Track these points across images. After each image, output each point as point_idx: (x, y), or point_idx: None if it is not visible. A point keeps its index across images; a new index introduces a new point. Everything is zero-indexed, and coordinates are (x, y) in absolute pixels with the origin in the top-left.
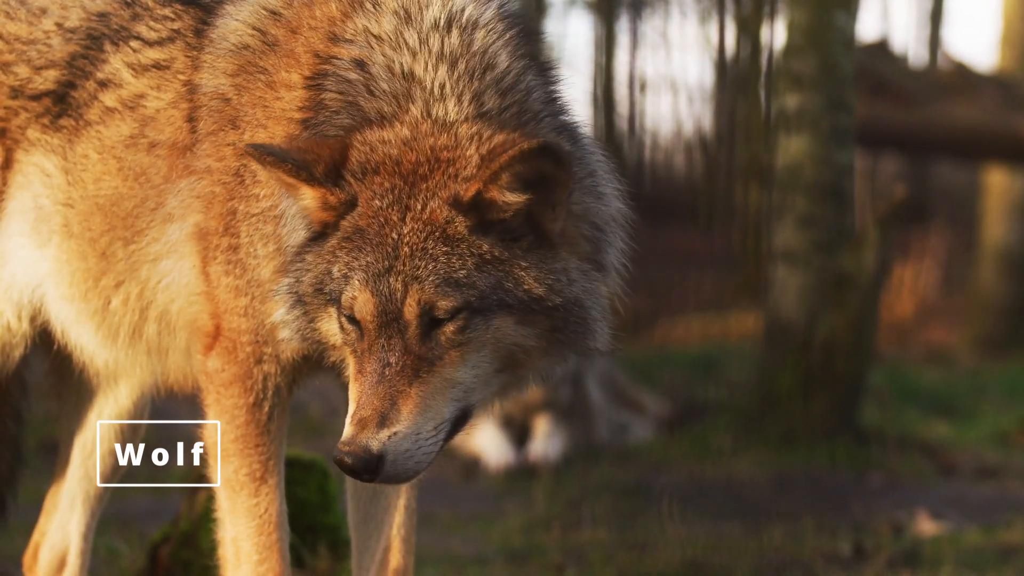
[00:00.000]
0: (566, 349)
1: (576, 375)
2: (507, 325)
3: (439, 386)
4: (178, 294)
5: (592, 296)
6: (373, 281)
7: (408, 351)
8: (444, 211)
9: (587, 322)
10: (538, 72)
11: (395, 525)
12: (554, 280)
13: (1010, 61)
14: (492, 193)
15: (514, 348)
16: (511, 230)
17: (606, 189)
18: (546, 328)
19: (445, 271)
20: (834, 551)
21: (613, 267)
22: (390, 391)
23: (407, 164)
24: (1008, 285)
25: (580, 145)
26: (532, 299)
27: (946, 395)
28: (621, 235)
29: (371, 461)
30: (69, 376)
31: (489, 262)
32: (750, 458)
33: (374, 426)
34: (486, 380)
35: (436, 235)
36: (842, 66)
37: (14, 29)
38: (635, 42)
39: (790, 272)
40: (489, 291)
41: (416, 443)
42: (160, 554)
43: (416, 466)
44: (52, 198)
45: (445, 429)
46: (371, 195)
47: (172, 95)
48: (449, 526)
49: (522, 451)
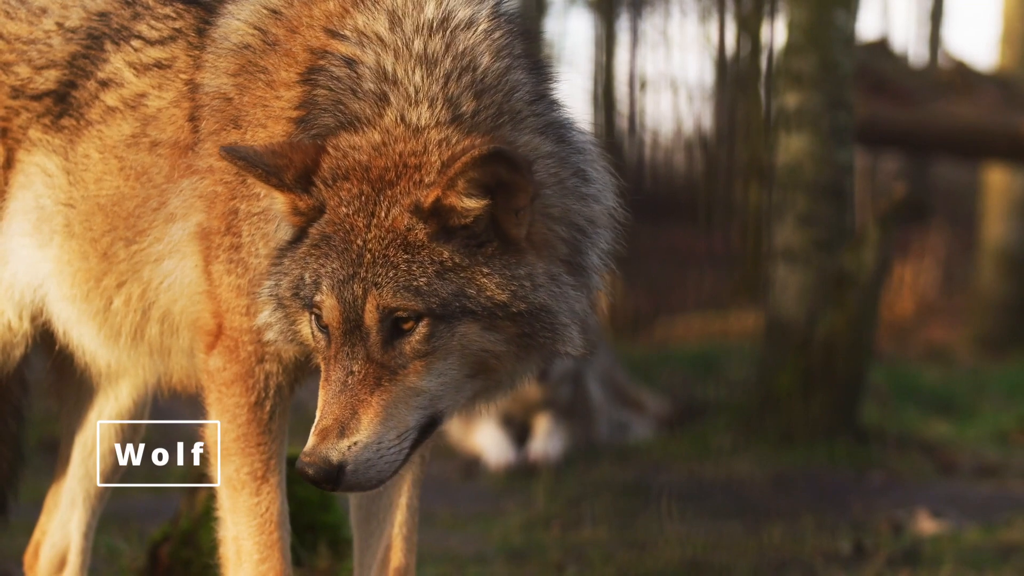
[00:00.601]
0: (537, 354)
1: (576, 374)
2: (472, 332)
3: (402, 395)
4: (181, 294)
5: (560, 301)
6: (338, 288)
7: (370, 359)
8: (405, 218)
9: (555, 327)
10: (528, 71)
11: (397, 523)
12: (518, 286)
13: (1010, 60)
14: (451, 199)
15: (483, 354)
16: (475, 236)
17: (590, 190)
18: (514, 334)
19: (405, 278)
20: (834, 550)
21: (595, 268)
22: (351, 400)
23: (376, 170)
24: (1008, 284)
25: (566, 144)
26: (496, 305)
27: (946, 394)
28: (606, 236)
29: (331, 472)
30: (69, 375)
31: (450, 269)
32: (750, 457)
33: (335, 436)
34: (455, 387)
35: (397, 242)
36: (842, 65)
37: (14, 29)
38: (635, 41)
39: (790, 271)
40: (451, 298)
41: (378, 452)
42: (160, 553)
43: (379, 475)
44: (53, 198)
45: (410, 437)
46: (338, 202)
47: (174, 94)
48: (449, 525)
49: (522, 450)
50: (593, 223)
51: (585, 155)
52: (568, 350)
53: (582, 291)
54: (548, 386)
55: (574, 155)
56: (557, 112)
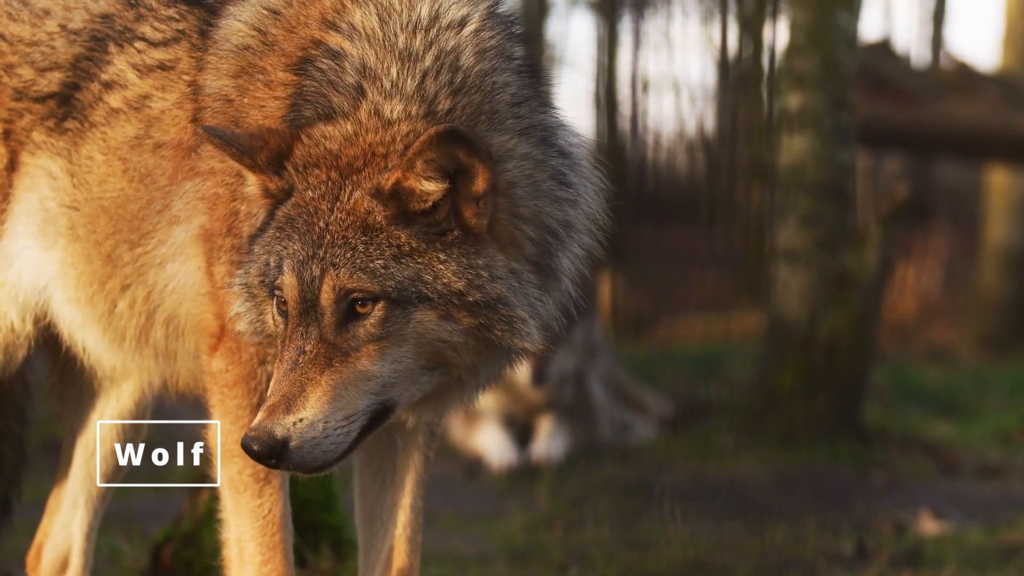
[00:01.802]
0: (496, 349)
1: (579, 375)
2: (428, 320)
3: (352, 377)
4: (185, 297)
5: (519, 295)
6: (298, 268)
7: (323, 339)
8: (366, 201)
9: (513, 320)
10: (517, 73)
11: (400, 524)
12: (474, 275)
13: (1012, 60)
14: (410, 182)
15: (439, 344)
16: (435, 224)
17: (567, 194)
18: (471, 325)
19: (362, 260)
20: (836, 550)
21: (566, 272)
22: (301, 378)
23: (345, 159)
24: (1010, 284)
25: (549, 147)
26: (452, 293)
27: (948, 394)
28: (582, 240)
29: (275, 447)
30: (71, 376)
31: (407, 254)
32: (752, 457)
33: (281, 412)
34: (409, 376)
35: (357, 225)
36: (844, 65)
37: (17, 31)
38: (637, 42)
39: (792, 271)
40: (407, 283)
41: (324, 432)
42: (162, 554)
43: (324, 455)
44: (58, 200)
45: (359, 421)
46: (306, 186)
47: (177, 96)
48: (452, 525)
49: (525, 451)
50: (568, 227)
51: (569, 159)
52: (526, 345)
53: (549, 293)
54: (550, 387)
55: (555, 158)
56: (544, 115)
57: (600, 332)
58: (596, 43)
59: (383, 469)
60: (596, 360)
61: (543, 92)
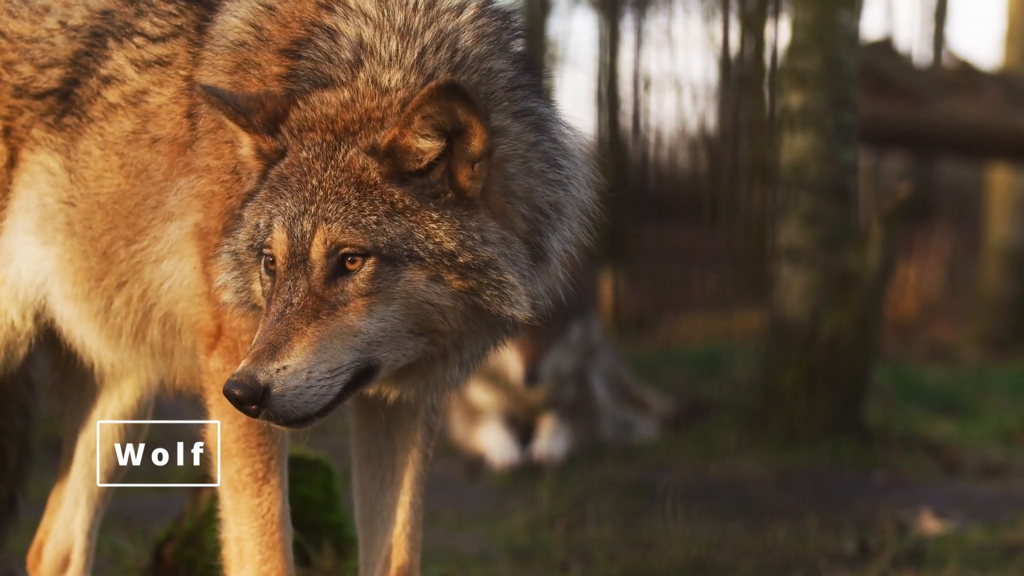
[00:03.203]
0: (483, 319)
1: (581, 373)
2: (418, 279)
3: (338, 331)
4: (181, 295)
5: (510, 262)
6: (289, 223)
7: (311, 292)
8: (361, 159)
9: (503, 286)
10: (512, 62)
11: (401, 522)
12: (466, 236)
13: (1014, 59)
14: (407, 139)
15: (428, 307)
16: (430, 185)
17: (558, 176)
18: (460, 288)
19: (355, 215)
20: (838, 549)
21: (556, 254)
22: (287, 328)
23: (341, 123)
24: (1012, 283)
25: (541, 133)
26: (443, 253)
27: (950, 393)
28: (572, 226)
29: (256, 392)
30: (72, 374)
31: (400, 211)
32: (754, 456)
33: (265, 359)
34: (395, 338)
35: (351, 181)
36: (846, 64)
37: (17, 28)
38: (639, 40)
39: (794, 270)
40: (399, 240)
41: (307, 381)
42: (164, 552)
43: (306, 406)
44: (55, 196)
45: (343, 376)
46: (300, 147)
47: (173, 90)
48: (453, 524)
49: (526, 449)
50: (558, 210)
51: (561, 148)
52: (515, 313)
53: (538, 272)
54: (546, 386)
55: (547, 143)
56: (538, 104)
57: (599, 331)
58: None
59: (382, 467)
60: (597, 359)
61: (539, 83)
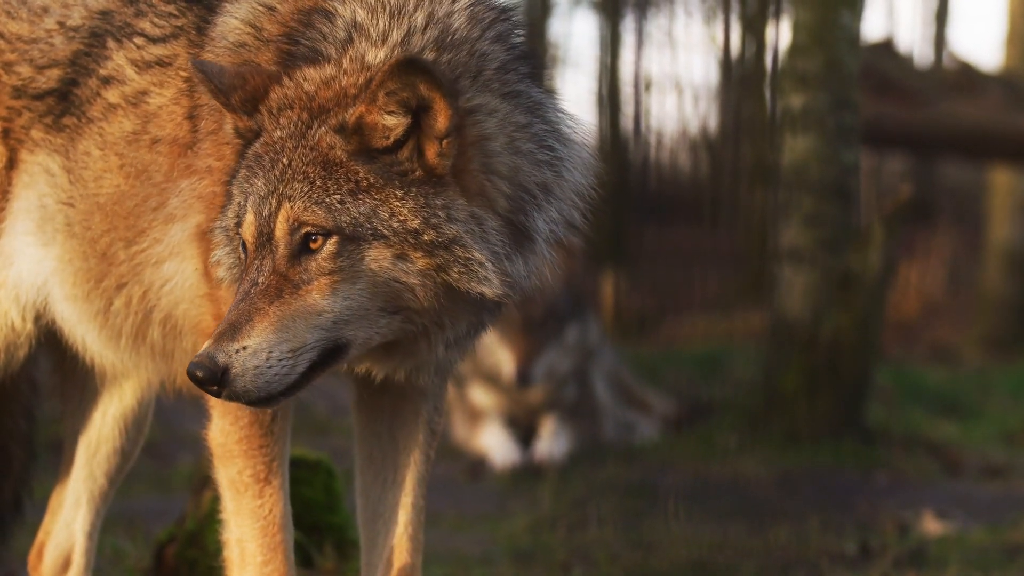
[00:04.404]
0: (457, 297)
1: (582, 374)
2: (383, 258)
3: (302, 310)
4: (182, 298)
5: (478, 240)
6: (258, 203)
7: (275, 271)
8: (329, 137)
9: (470, 263)
10: (506, 49)
11: (402, 523)
12: (430, 214)
13: (1015, 60)
14: (373, 116)
15: (395, 285)
16: (398, 163)
17: (546, 157)
18: (427, 266)
19: (319, 194)
20: (839, 550)
21: (542, 234)
22: (249, 308)
23: (319, 100)
24: (1014, 284)
25: (533, 115)
26: (407, 231)
27: (952, 394)
28: (561, 207)
29: (215, 373)
30: (73, 375)
31: (364, 189)
32: (755, 457)
33: (226, 340)
34: (364, 316)
35: (318, 160)
36: (847, 65)
37: (16, 28)
38: (640, 42)
39: (796, 271)
40: (363, 219)
41: (267, 361)
42: (166, 554)
43: (267, 386)
44: (55, 197)
45: (307, 356)
46: (275, 127)
47: (174, 91)
48: (455, 525)
49: (528, 451)
50: (546, 191)
51: (556, 132)
52: (483, 290)
53: (521, 251)
54: (550, 387)
55: (539, 125)
56: (532, 88)
57: (597, 333)
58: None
59: (384, 468)
60: (598, 360)
61: (535, 71)
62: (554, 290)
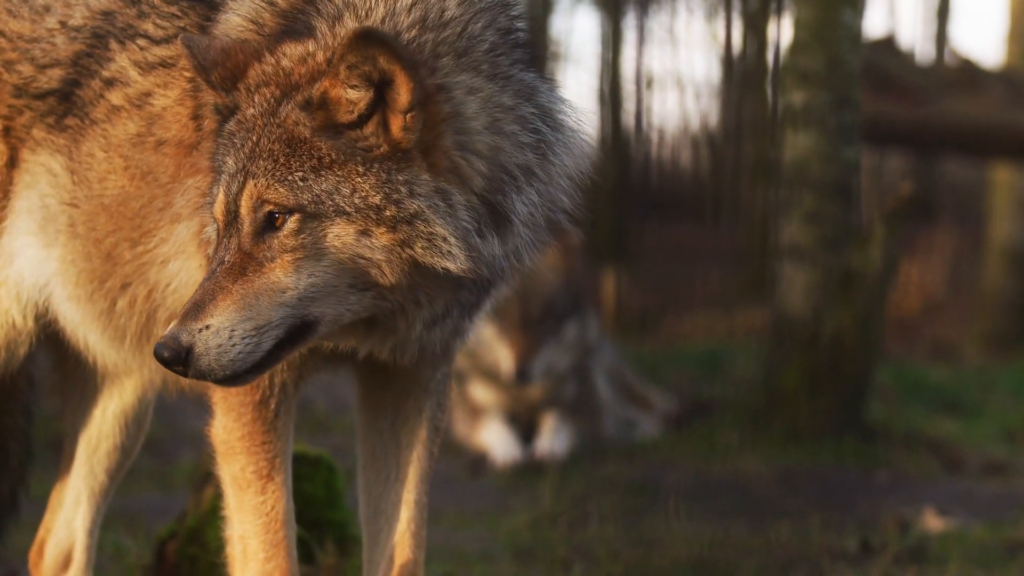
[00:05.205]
0: (427, 273)
1: (582, 371)
2: (346, 234)
3: (265, 288)
4: (187, 295)
5: (443, 215)
6: (227, 181)
7: (240, 249)
8: (295, 114)
9: (433, 238)
10: (502, 36)
11: (405, 520)
12: (392, 189)
13: (1017, 57)
14: (336, 90)
15: (360, 261)
16: (363, 139)
17: (530, 139)
18: (392, 241)
19: (282, 172)
20: (840, 548)
21: (521, 217)
22: (214, 287)
23: (294, 77)
24: (1015, 282)
25: (522, 99)
26: (368, 207)
27: (953, 392)
28: (544, 191)
29: (179, 353)
30: (73, 372)
31: (327, 166)
32: (756, 455)
33: (190, 319)
34: (332, 294)
35: (284, 138)
36: (849, 62)
37: (17, 27)
38: (642, 38)
39: (797, 269)
40: (325, 196)
41: (230, 339)
42: (167, 550)
43: (232, 364)
44: (58, 198)
45: (271, 334)
46: (249, 104)
47: (178, 92)
48: (456, 522)
49: (528, 448)
50: (529, 173)
51: (548, 116)
52: (447, 265)
53: (497, 232)
54: (549, 384)
55: (526, 108)
56: (524, 73)
57: (597, 330)
58: (600, 40)
59: (387, 465)
60: (599, 357)
61: (531, 58)
62: (553, 287)
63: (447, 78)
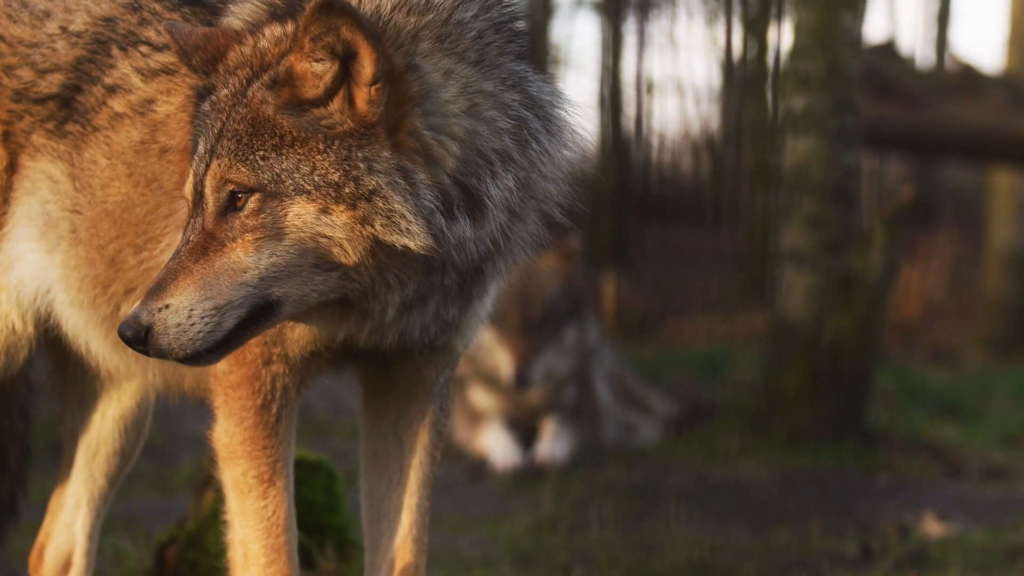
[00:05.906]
0: (391, 252)
1: (582, 376)
2: (307, 213)
3: (226, 267)
4: None
5: (402, 192)
6: (197, 162)
7: (204, 230)
8: (261, 93)
9: (392, 215)
10: (495, 26)
11: (406, 524)
12: (351, 166)
13: (1017, 62)
14: (302, 64)
15: (322, 240)
16: (327, 115)
17: (508, 125)
18: (351, 219)
19: (244, 152)
20: (841, 552)
21: (496, 201)
22: (176, 266)
23: (269, 57)
24: (1015, 286)
25: (509, 87)
26: (328, 184)
27: (953, 396)
28: (520, 175)
29: (139, 332)
30: (72, 376)
31: (288, 144)
32: (756, 459)
33: (152, 299)
34: (295, 274)
35: (249, 117)
36: (849, 67)
37: (17, 32)
38: (642, 43)
39: (797, 273)
40: (285, 175)
41: (189, 319)
42: (167, 554)
43: (192, 344)
44: (59, 204)
45: (234, 314)
46: (223, 86)
47: (181, 99)
48: (456, 527)
49: (529, 452)
50: (506, 158)
51: (537, 106)
52: (406, 242)
53: (469, 216)
54: (549, 388)
55: (510, 95)
56: (517, 65)
57: (597, 334)
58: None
59: (389, 469)
60: (600, 361)
61: (525, 51)
62: (553, 291)
63: (422, 59)
